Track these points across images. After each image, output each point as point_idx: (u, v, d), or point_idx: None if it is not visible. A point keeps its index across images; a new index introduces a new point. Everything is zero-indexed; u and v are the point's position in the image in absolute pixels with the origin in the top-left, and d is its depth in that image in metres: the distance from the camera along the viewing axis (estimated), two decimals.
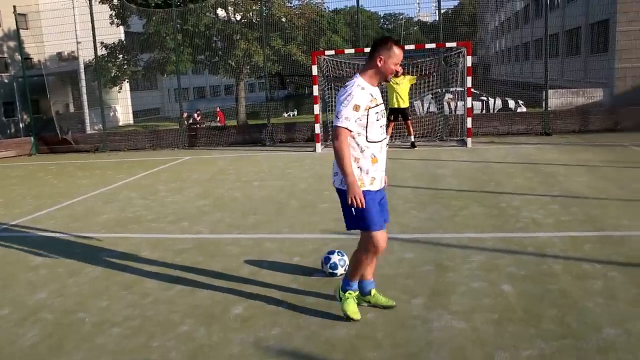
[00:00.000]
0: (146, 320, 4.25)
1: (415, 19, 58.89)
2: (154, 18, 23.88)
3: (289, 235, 6.34)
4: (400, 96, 12.50)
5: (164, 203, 8.41)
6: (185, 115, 18.38)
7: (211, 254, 5.76)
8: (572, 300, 4.17)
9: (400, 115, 12.72)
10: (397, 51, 3.79)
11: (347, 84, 3.85)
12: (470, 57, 12.61)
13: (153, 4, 24.92)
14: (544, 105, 14.43)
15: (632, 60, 21.96)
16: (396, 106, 12.57)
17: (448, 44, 13.43)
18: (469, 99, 12.66)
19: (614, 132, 13.63)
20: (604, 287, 4.39)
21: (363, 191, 3.74)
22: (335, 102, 4.34)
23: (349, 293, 4.04)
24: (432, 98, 15.61)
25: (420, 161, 10.96)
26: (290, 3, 27.39)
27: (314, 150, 13.09)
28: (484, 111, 17.46)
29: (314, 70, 13.22)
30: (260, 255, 5.63)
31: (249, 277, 5.03)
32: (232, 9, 27.17)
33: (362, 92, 3.74)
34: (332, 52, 14.32)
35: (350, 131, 3.72)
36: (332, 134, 3.77)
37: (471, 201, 7.37)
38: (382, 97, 4.08)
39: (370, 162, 3.82)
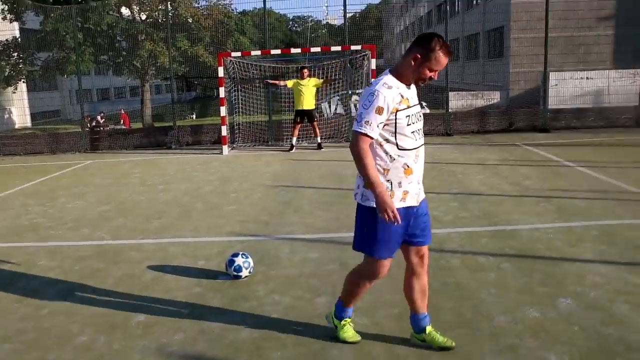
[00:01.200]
0: (42, 333, 4.06)
1: (324, 22, 59.58)
2: (52, 15, 22.78)
3: (193, 238, 6.25)
4: (305, 98, 12.61)
5: (64, 209, 8.05)
6: (88, 118, 17.68)
7: (113, 261, 5.58)
8: (467, 292, 4.38)
9: (306, 117, 12.83)
10: (441, 56, 3.12)
11: (373, 81, 3.32)
12: (374, 59, 12.92)
13: (51, 0, 23.78)
14: (445, 107, 15.02)
15: (524, 65, 23.28)
16: (302, 108, 12.67)
17: (353, 47, 13.70)
18: None
19: (508, 132, 14.40)
20: (496, 278, 4.64)
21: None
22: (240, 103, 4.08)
23: (345, 321, 3.67)
24: (338, 100, 15.84)
25: (327, 162, 11.11)
26: (198, 3, 27.01)
27: (221, 153, 12.96)
28: None
29: (220, 72, 13.09)
30: (164, 260, 5.51)
31: (152, 282, 4.91)
32: (137, 8, 26.44)
33: (388, 91, 3.14)
34: (239, 53, 14.24)
35: (371, 138, 3.17)
36: (351, 140, 3.25)
37: None
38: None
39: (403, 174, 3.25)
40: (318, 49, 14.03)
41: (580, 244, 5.43)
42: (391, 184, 3.24)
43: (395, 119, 3.17)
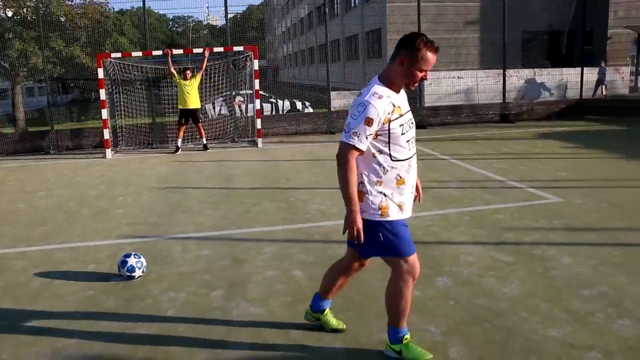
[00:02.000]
0: None
1: (205, 23, 58.82)
2: None
3: (82, 243, 6.13)
4: (191, 98, 12.57)
5: None
6: None
7: None
8: (355, 278, 4.64)
9: (191, 119, 12.78)
10: (429, 55, 3.02)
11: (362, 90, 3.15)
12: (257, 60, 13.11)
13: None
14: (328, 106, 15.52)
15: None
16: (187, 107, 12.60)
17: (236, 48, 13.80)
18: (258, 101, 13.16)
19: None
20: (382, 264, 4.99)
21: (391, 221, 3.20)
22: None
23: (405, 339, 3.41)
24: (222, 101, 15.88)
25: (213, 162, 11.17)
26: (72, 1, 25.78)
27: (104, 157, 12.60)
28: (273, 113, 18.19)
29: (100, 73, 12.71)
30: (51, 267, 5.39)
31: (41, 289, 4.81)
32: (2, 3, 24.81)
33: (379, 102, 3.02)
34: (119, 54, 13.89)
35: (361, 151, 3.07)
36: (338, 150, 3.12)
37: (263, 198, 7.76)
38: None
39: (395, 185, 3.17)
40: (200, 50, 13.96)
41: (455, 229, 5.96)
42: (385, 196, 3.16)
43: (389, 129, 3.06)
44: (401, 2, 26.25)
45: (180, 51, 14.07)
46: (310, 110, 19.66)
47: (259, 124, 13.17)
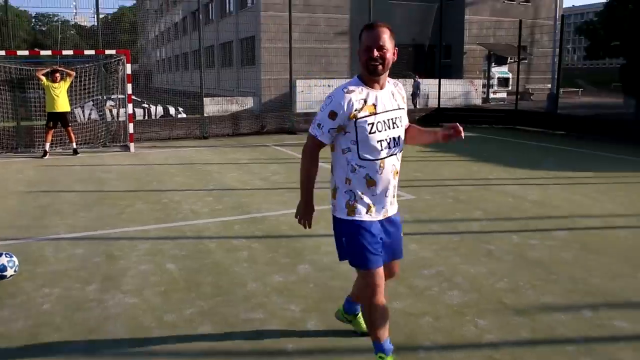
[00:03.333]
0: None
1: (72, 23, 56.22)
2: None
3: None
4: (60, 101, 12.29)
5: None
6: None
7: None
8: (223, 268, 5.11)
9: (59, 122, 12.49)
10: (364, 33, 3.00)
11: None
12: (129, 64, 13.08)
13: None
14: (201, 112, 15.74)
15: (274, 72, 25.09)
16: (55, 111, 12.31)
17: (108, 51, 13.66)
18: (130, 106, 13.13)
19: (260, 134, 15.65)
20: (248, 255, 5.46)
21: (355, 221, 3.10)
22: None
23: (380, 356, 3.28)
24: (93, 105, 15.56)
25: (85, 167, 11.04)
26: None
27: None
28: (145, 118, 18.04)
29: None
30: None
31: None
32: None
33: (346, 96, 2.96)
34: None
35: (322, 143, 3.07)
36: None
37: (136, 200, 7.93)
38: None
39: (364, 186, 3.08)
40: (70, 52, 13.69)
41: (316, 224, 6.47)
42: (354, 195, 3.09)
43: (355, 126, 2.99)
44: (274, 11, 27.00)
45: (49, 52, 13.67)
46: (184, 115, 19.69)
47: (131, 128, 13.14)
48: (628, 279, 4.83)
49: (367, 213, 3.11)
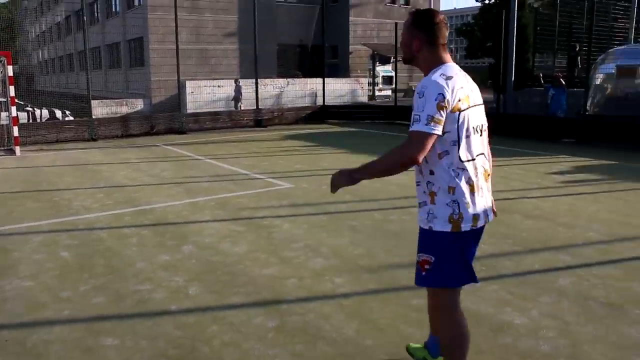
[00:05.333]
0: None
1: None
2: None
3: None
4: None
5: None
6: None
7: None
8: (115, 252, 5.63)
9: None
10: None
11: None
12: (11, 66, 12.95)
13: None
14: (89, 114, 15.75)
15: (164, 74, 25.18)
16: None
17: None
18: (14, 109, 13.02)
19: (150, 135, 15.92)
20: (137, 240, 6.01)
21: (461, 234, 2.73)
22: None
23: None
24: None
25: None
26: None
27: None
28: (30, 121, 17.71)
29: None
30: None
31: None
32: None
33: (446, 83, 2.62)
34: None
35: (437, 136, 2.60)
36: (407, 140, 2.63)
37: (26, 199, 8.16)
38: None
39: (469, 193, 2.71)
40: None
41: (201, 212, 7.17)
42: (458, 206, 2.70)
43: (458, 121, 2.64)
44: (162, 12, 26.98)
45: None
46: (71, 118, 19.45)
47: (16, 131, 13.03)
48: None
49: (473, 224, 2.75)
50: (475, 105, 2.76)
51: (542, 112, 17.10)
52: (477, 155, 2.77)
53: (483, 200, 2.80)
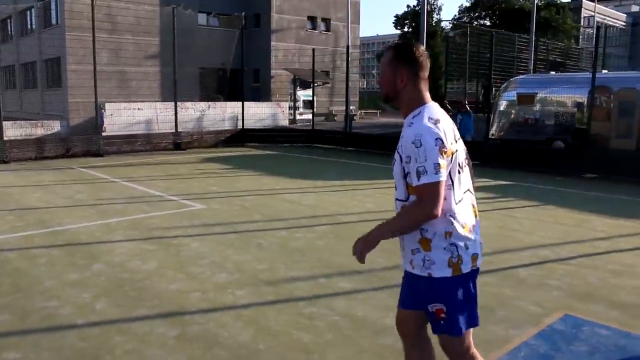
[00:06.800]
0: None
1: None
2: None
3: None
4: None
5: None
6: None
7: None
8: (23, 272, 5.76)
9: None
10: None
11: (414, 121, 2.63)
12: None
13: None
14: (0, 136, 15.41)
15: (82, 95, 24.84)
16: None
17: None
18: None
19: (66, 157, 15.76)
20: (47, 260, 6.15)
21: (464, 276, 2.66)
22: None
23: None
24: None
25: None
26: None
27: None
28: None
29: None
30: None
31: None
32: None
33: (437, 127, 2.58)
34: None
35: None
36: (419, 196, 2.55)
37: None
38: None
39: (465, 232, 2.66)
40: None
41: (114, 232, 7.36)
42: (456, 249, 2.63)
43: (451, 163, 2.61)
44: (80, 32, 26.65)
45: None
46: None
47: None
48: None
49: (472, 265, 2.69)
50: (458, 140, 2.69)
51: None
52: (465, 192, 2.71)
53: (477, 237, 2.72)
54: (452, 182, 2.62)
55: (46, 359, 3.91)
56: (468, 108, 17.65)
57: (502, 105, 18.06)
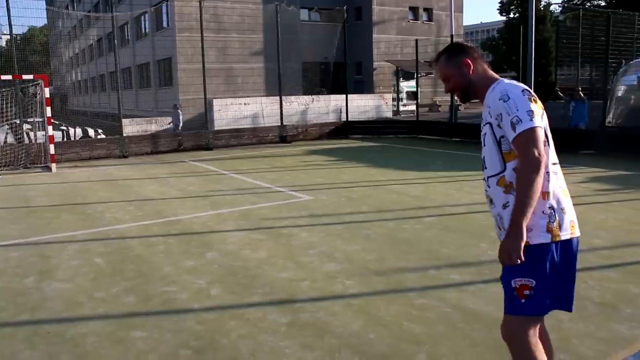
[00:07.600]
0: None
1: None
2: None
3: None
4: None
5: None
6: None
7: None
8: (144, 259, 6.08)
9: None
10: None
11: (499, 87, 2.59)
12: (47, 88, 13.68)
13: None
14: (120, 132, 16.44)
15: (191, 92, 25.90)
16: None
17: (25, 76, 14.18)
18: (50, 128, 13.72)
19: (178, 151, 16.53)
20: (164, 248, 6.45)
21: (567, 242, 2.55)
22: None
23: None
24: (9, 129, 15.93)
25: (8, 187, 11.57)
26: None
27: None
28: (65, 139, 18.48)
29: None
30: None
31: None
32: None
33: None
34: None
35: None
36: (520, 147, 2.44)
37: (62, 212, 8.71)
38: None
39: (563, 194, 2.58)
40: None
41: (225, 222, 7.61)
42: (554, 211, 2.51)
43: (543, 120, 2.52)
44: (189, 33, 27.80)
45: None
46: (103, 136, 20.21)
47: (52, 149, 13.71)
48: (470, 247, 6.14)
49: (571, 232, 2.57)
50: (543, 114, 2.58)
51: (564, 125, 17.24)
52: (554, 164, 2.60)
53: (573, 208, 2.60)
54: (548, 138, 2.54)
55: (168, 339, 4.09)
56: (582, 95, 16.68)
57: (621, 90, 16.89)
